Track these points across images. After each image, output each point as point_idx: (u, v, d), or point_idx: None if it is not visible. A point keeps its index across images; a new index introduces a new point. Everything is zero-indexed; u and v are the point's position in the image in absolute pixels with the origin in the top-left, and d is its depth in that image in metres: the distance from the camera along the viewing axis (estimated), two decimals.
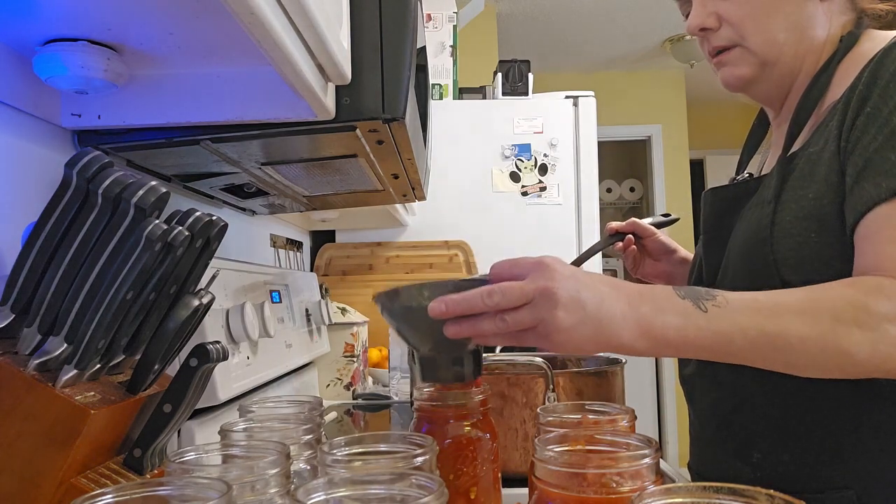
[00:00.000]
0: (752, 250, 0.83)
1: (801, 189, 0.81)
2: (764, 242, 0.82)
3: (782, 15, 0.87)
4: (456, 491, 0.71)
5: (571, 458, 0.57)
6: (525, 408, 1.03)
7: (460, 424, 0.73)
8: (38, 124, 0.84)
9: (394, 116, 0.88)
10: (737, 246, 0.88)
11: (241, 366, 1.13)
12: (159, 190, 0.59)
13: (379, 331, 2.24)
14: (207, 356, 0.66)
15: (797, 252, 0.79)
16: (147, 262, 0.58)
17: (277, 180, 1.23)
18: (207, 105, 0.83)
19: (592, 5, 3.91)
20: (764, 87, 0.93)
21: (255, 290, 1.30)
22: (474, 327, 0.67)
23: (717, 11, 0.89)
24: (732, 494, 0.44)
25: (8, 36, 0.73)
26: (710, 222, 0.97)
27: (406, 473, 0.48)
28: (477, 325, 0.67)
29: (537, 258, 0.68)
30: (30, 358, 0.58)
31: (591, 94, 2.49)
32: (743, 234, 0.87)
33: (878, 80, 0.76)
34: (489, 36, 3.86)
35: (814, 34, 0.88)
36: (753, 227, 0.85)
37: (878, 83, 0.76)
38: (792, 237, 0.80)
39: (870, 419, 0.79)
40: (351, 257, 2.45)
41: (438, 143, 2.38)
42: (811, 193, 0.80)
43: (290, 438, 0.66)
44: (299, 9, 0.62)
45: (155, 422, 0.66)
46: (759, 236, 0.83)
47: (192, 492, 0.46)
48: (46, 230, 0.58)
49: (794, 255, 0.79)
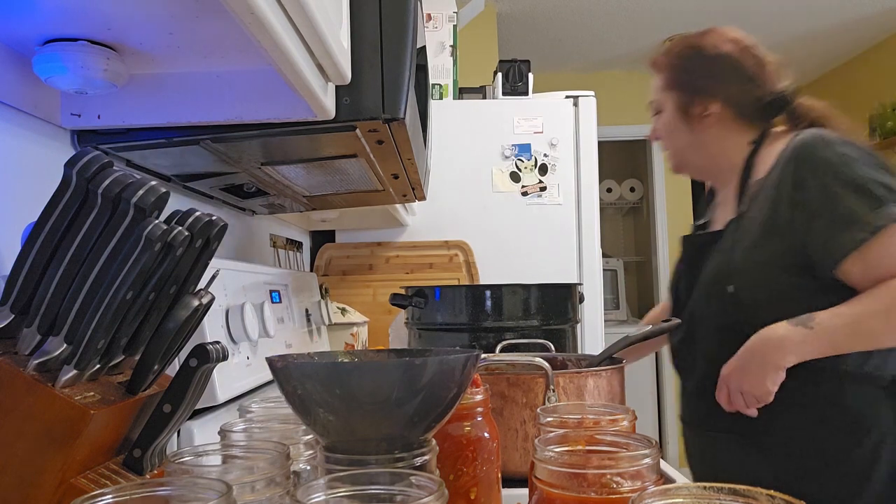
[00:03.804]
0: (716, 279, 1.27)
1: (745, 242, 1.24)
2: (725, 275, 1.26)
3: (702, 148, 1.38)
4: (456, 491, 0.71)
5: (572, 459, 0.57)
6: (525, 408, 1.03)
7: (460, 424, 0.73)
8: (37, 124, 0.83)
9: (394, 116, 0.88)
10: (706, 276, 1.31)
11: (240, 366, 1.13)
12: (159, 190, 0.59)
13: (379, 331, 2.24)
14: (207, 356, 0.66)
15: (747, 282, 1.22)
16: (147, 262, 0.58)
17: (277, 180, 1.23)
18: (207, 105, 0.83)
19: (592, 5, 3.91)
20: (694, 175, 1.50)
21: (254, 291, 1.29)
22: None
23: (656, 127, 1.43)
24: (732, 494, 0.44)
25: (8, 36, 0.73)
26: (687, 259, 1.40)
27: (406, 473, 0.48)
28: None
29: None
30: (29, 358, 0.58)
31: (591, 94, 2.49)
32: (710, 269, 1.30)
33: (800, 170, 1.18)
34: (489, 36, 3.86)
35: (727, 152, 1.35)
36: (715, 267, 1.29)
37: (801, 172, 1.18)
38: (743, 275, 1.23)
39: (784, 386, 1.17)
40: (351, 257, 2.45)
41: (438, 143, 2.38)
42: (753, 243, 1.23)
43: (289, 439, 0.66)
44: (299, 8, 0.62)
45: (155, 422, 0.66)
46: (721, 275, 1.26)
47: (191, 492, 0.46)
48: (46, 230, 0.58)
49: (744, 285, 1.22)
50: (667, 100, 1.37)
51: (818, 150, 1.17)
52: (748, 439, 1.24)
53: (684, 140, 1.36)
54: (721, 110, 1.31)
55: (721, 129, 1.32)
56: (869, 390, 1.18)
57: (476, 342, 1.56)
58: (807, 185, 1.16)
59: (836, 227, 1.13)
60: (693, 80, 1.33)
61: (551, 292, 1.62)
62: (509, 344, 1.47)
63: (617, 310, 5.11)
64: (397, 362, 0.62)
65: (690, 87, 1.33)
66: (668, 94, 1.37)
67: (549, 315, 1.59)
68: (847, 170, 1.14)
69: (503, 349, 1.44)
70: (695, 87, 1.33)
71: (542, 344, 1.45)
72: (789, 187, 1.18)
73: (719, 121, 1.32)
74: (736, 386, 1.18)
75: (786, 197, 1.19)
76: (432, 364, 0.56)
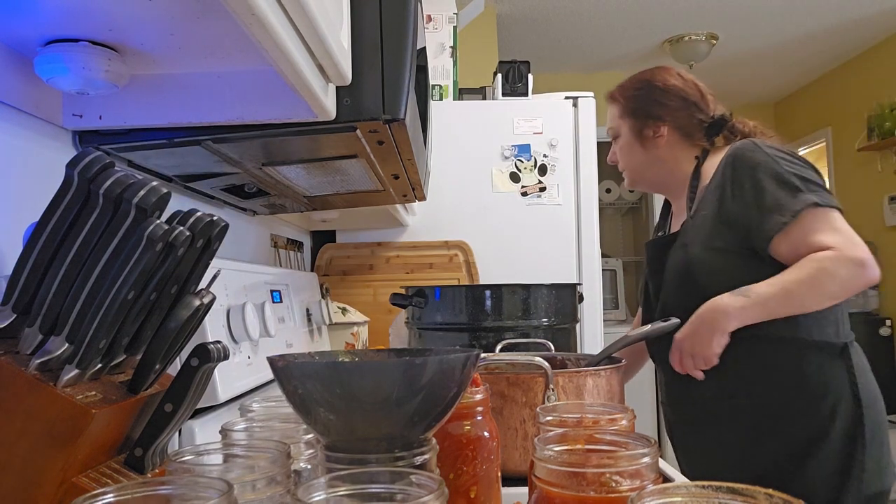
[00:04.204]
0: (680, 274, 1.47)
1: (700, 236, 1.45)
2: (686, 269, 1.45)
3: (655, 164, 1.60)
4: (456, 490, 0.71)
5: (571, 458, 0.57)
6: (525, 407, 1.03)
7: (460, 424, 0.73)
8: (39, 125, 0.84)
9: (394, 117, 0.88)
10: (669, 273, 1.50)
11: (241, 365, 1.13)
12: (160, 190, 0.59)
13: (379, 330, 2.24)
14: (208, 356, 0.66)
15: (706, 268, 1.42)
16: (148, 262, 0.58)
17: (278, 181, 1.23)
18: (208, 106, 0.83)
19: (592, 6, 3.91)
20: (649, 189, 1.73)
21: (255, 290, 1.30)
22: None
23: (613, 150, 1.66)
24: (732, 493, 0.44)
25: (9, 36, 0.73)
26: (651, 261, 1.59)
27: (406, 472, 0.49)
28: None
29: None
30: (31, 358, 0.59)
31: (590, 95, 2.49)
32: (672, 266, 1.50)
33: (737, 171, 1.40)
34: (489, 37, 3.86)
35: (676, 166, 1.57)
36: (678, 261, 1.48)
37: (738, 172, 1.40)
38: (702, 262, 1.43)
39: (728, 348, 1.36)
40: (351, 257, 2.45)
41: (438, 144, 2.38)
42: (707, 236, 1.43)
43: (290, 438, 0.66)
44: (299, 9, 0.63)
45: (156, 421, 0.66)
46: (683, 266, 1.46)
47: (192, 491, 0.46)
48: (48, 230, 0.59)
49: (704, 271, 1.42)
50: (623, 125, 1.61)
51: (749, 153, 1.40)
52: (718, 410, 1.42)
53: (639, 159, 1.59)
54: (670, 132, 1.55)
55: (670, 148, 1.56)
56: (824, 357, 1.35)
57: (476, 342, 1.56)
58: (742, 182, 1.39)
59: (765, 214, 1.35)
60: (645, 108, 1.57)
61: (551, 292, 1.62)
62: (509, 343, 1.47)
63: (616, 309, 5.11)
64: (397, 362, 0.62)
65: (643, 114, 1.57)
66: (623, 121, 1.61)
67: (549, 315, 1.59)
68: (772, 167, 1.36)
69: (503, 349, 1.44)
70: (647, 114, 1.56)
71: (541, 343, 1.45)
72: (730, 186, 1.41)
73: (669, 141, 1.56)
74: (688, 349, 1.36)
75: (728, 194, 1.41)
76: (432, 363, 0.56)
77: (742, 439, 1.39)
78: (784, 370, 1.36)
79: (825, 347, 1.35)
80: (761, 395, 1.37)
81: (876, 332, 4.51)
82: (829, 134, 5.31)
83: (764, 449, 1.37)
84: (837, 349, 1.35)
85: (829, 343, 1.35)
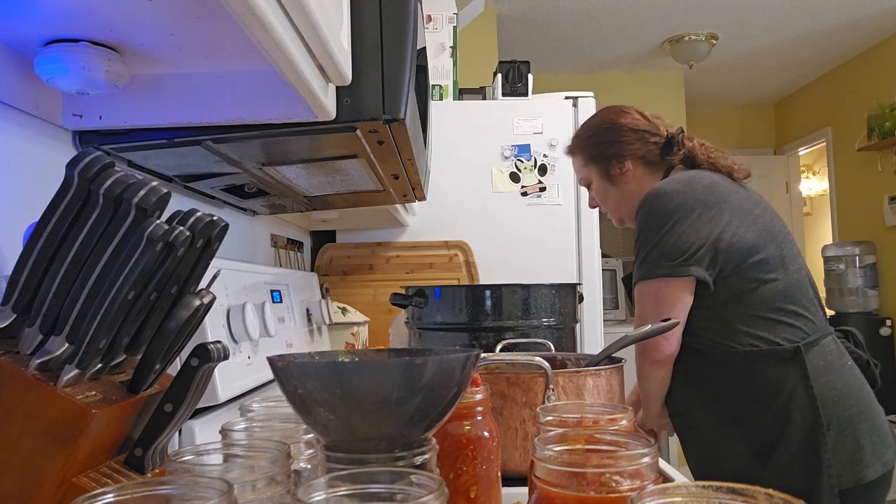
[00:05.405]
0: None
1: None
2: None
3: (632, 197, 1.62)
4: (456, 490, 0.71)
5: (571, 458, 0.57)
6: (525, 407, 1.03)
7: (460, 423, 0.73)
8: (39, 125, 0.84)
9: (394, 117, 0.88)
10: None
11: (241, 365, 1.13)
12: (160, 190, 0.59)
13: (379, 330, 2.24)
14: (208, 356, 0.66)
15: None
16: (148, 262, 0.58)
17: (278, 180, 1.23)
18: (208, 106, 0.83)
19: (592, 6, 3.91)
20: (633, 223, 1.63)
21: (255, 290, 1.30)
22: None
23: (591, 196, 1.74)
24: (732, 493, 0.44)
25: (9, 36, 0.73)
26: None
27: (406, 472, 0.49)
28: None
29: None
30: (31, 358, 0.59)
31: (590, 95, 2.49)
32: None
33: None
34: (489, 37, 3.86)
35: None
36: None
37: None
38: None
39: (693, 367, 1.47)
40: (351, 257, 2.45)
41: (438, 144, 2.38)
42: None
43: (290, 438, 0.66)
44: (299, 9, 0.63)
45: (156, 421, 0.66)
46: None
47: (192, 491, 0.46)
48: (48, 230, 0.59)
49: None
50: (591, 173, 1.68)
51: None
52: (681, 425, 1.53)
53: (616, 197, 1.67)
54: (633, 164, 1.63)
55: (639, 179, 1.64)
56: (772, 362, 1.41)
57: (476, 342, 1.56)
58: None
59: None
60: (604, 150, 1.64)
61: (551, 292, 1.62)
62: (509, 343, 1.47)
63: (616, 309, 5.11)
64: (397, 362, 0.62)
65: (604, 156, 1.64)
66: (590, 168, 1.68)
67: (549, 315, 1.59)
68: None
69: (503, 349, 1.44)
70: (608, 155, 1.64)
71: (541, 343, 1.45)
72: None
73: (635, 173, 1.64)
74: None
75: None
76: (432, 364, 0.56)
77: (710, 444, 1.46)
78: (737, 380, 1.43)
79: (772, 354, 1.40)
80: (718, 405, 1.44)
81: (876, 332, 4.51)
82: (829, 134, 5.32)
83: (732, 449, 1.44)
84: (789, 353, 1.39)
85: (778, 349, 1.40)
